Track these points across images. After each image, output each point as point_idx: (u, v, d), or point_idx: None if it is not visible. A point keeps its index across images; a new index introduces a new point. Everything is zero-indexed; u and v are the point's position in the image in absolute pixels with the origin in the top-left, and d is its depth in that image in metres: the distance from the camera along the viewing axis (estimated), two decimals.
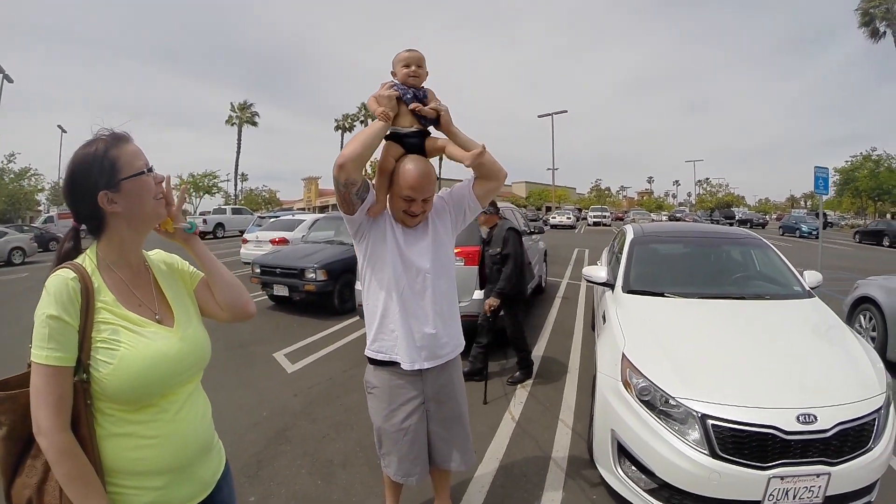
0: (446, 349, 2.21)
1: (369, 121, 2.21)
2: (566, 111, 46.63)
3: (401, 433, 2.20)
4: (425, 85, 2.10)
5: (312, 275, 7.44)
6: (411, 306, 2.11)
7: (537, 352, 5.73)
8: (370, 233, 2.13)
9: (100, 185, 1.17)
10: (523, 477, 3.15)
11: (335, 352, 5.77)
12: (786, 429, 2.28)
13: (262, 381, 4.80)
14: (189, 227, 1.40)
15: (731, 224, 41.12)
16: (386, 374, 2.20)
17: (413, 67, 2.06)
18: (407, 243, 2.13)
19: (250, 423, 3.95)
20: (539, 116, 47.25)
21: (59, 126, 45.72)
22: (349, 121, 56.51)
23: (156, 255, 1.44)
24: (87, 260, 1.22)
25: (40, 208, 44.34)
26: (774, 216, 66.93)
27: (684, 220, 39.25)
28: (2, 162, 36.56)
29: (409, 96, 2.01)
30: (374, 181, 2.14)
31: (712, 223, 39.38)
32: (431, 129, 2.10)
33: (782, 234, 32.32)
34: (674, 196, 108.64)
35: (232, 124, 51.10)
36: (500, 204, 7.71)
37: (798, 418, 2.30)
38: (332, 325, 7.00)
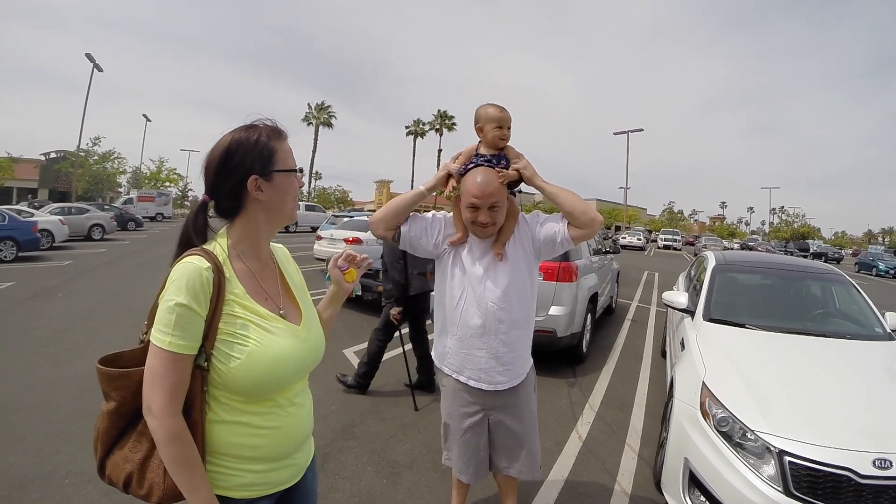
0: (506, 376, 2.19)
1: (445, 130, 2.26)
2: (642, 129, 44.93)
3: (459, 432, 2.29)
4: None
5: None
6: (483, 325, 2.14)
7: (606, 373, 5.61)
8: (448, 255, 2.23)
9: (254, 169, 1.19)
10: (588, 497, 3.11)
11: (394, 359, 5.85)
12: (861, 472, 2.20)
13: (330, 376, 4.92)
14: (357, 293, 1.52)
15: (804, 257, 38.93)
16: (451, 379, 2.28)
17: (504, 129, 2.08)
18: (478, 275, 2.14)
19: (319, 416, 3.98)
20: (614, 134, 45.88)
21: (145, 115, 49.49)
22: (420, 126, 57.52)
23: (279, 250, 1.45)
24: (217, 247, 1.22)
25: (121, 190, 47.84)
26: (850, 251, 63.13)
27: (756, 250, 37.39)
28: (87, 144, 39.75)
29: (491, 164, 2.05)
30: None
31: (786, 255, 37.17)
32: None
33: (858, 271, 30.37)
34: (747, 223, 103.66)
35: (309, 123, 53.34)
36: None
37: (874, 462, 2.22)
38: (401, 328, 7.06)
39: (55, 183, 43.30)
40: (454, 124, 55.75)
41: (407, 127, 58.53)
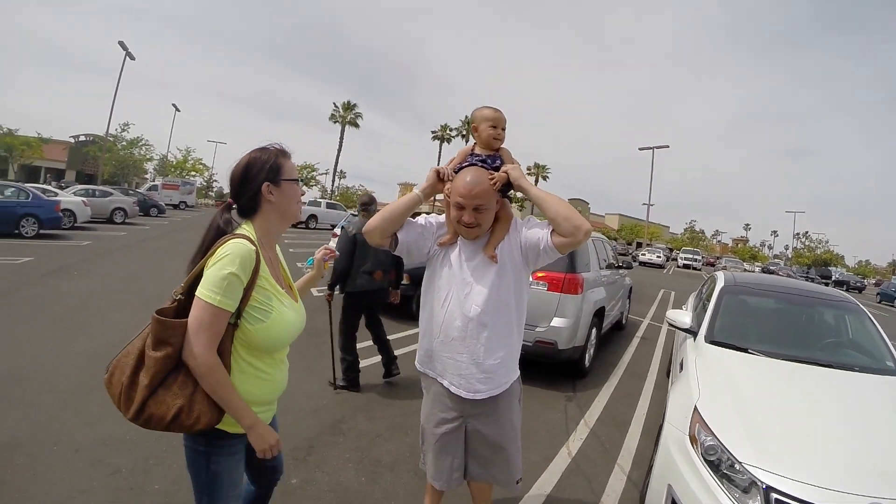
0: (487, 384, 2.11)
1: (470, 136, 2.25)
2: (668, 146, 44.37)
3: (434, 437, 2.24)
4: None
5: None
6: (465, 329, 2.10)
7: (607, 390, 5.53)
8: (437, 255, 2.22)
9: (267, 177, 1.59)
10: None
11: (405, 355, 5.79)
12: None
13: (329, 371, 4.93)
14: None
15: (826, 284, 38.19)
16: (433, 382, 2.25)
17: (499, 129, 2.11)
18: (464, 277, 2.11)
19: (310, 409, 4.12)
20: (640, 149, 45.47)
21: (174, 105, 50.47)
22: (447, 131, 57.57)
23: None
24: (250, 235, 1.58)
25: (147, 176, 48.86)
26: (873, 281, 60.99)
27: (778, 275, 36.76)
28: (116, 130, 40.62)
29: (486, 164, 2.07)
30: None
31: (807, 281, 36.50)
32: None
33: (879, 302, 29.62)
34: (770, 247, 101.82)
35: (335, 122, 53.78)
36: (594, 234, 7.55)
37: None
38: (406, 329, 7.09)
39: (83, 165, 44.48)
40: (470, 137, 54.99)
41: (433, 132, 58.83)
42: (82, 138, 46.98)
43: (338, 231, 12.98)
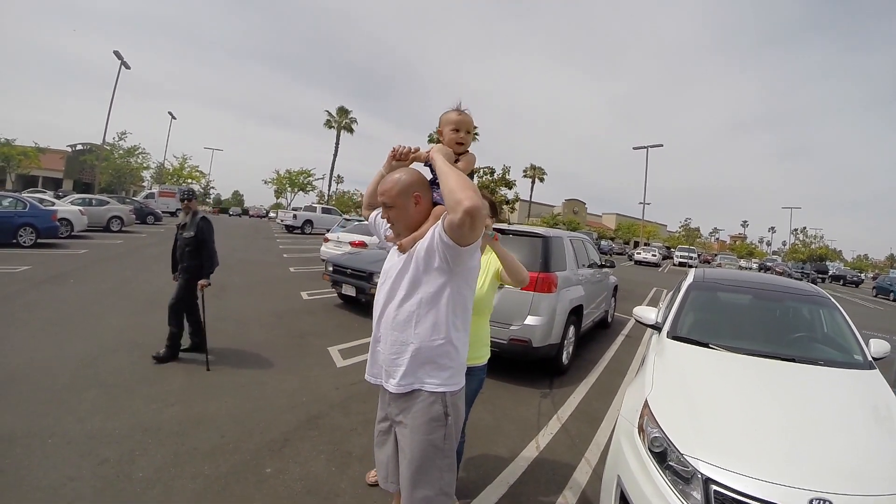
0: (396, 377, 2.02)
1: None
2: (662, 145, 45.04)
3: (374, 435, 2.26)
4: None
5: None
6: (381, 320, 2.10)
7: (584, 387, 5.66)
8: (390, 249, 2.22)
9: None
10: None
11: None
12: None
13: (310, 371, 5.15)
14: None
15: (822, 279, 38.06)
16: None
17: (462, 133, 2.11)
18: (386, 267, 2.13)
19: (288, 406, 4.30)
20: (634, 148, 45.95)
21: (170, 113, 50.56)
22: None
23: None
24: None
25: (144, 184, 48.95)
26: (871, 275, 61.53)
27: (774, 270, 36.90)
28: (113, 139, 40.83)
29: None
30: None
31: (803, 276, 36.88)
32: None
33: (875, 295, 29.79)
34: (768, 243, 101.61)
35: (330, 127, 53.70)
36: (574, 233, 7.69)
37: (811, 502, 2.05)
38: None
39: (80, 174, 44.71)
40: (477, 134, 55.74)
41: (429, 136, 58.91)
42: (79, 147, 47.21)
43: (329, 236, 13.14)
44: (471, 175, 2.09)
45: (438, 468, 2.01)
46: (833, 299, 4.41)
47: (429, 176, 2.09)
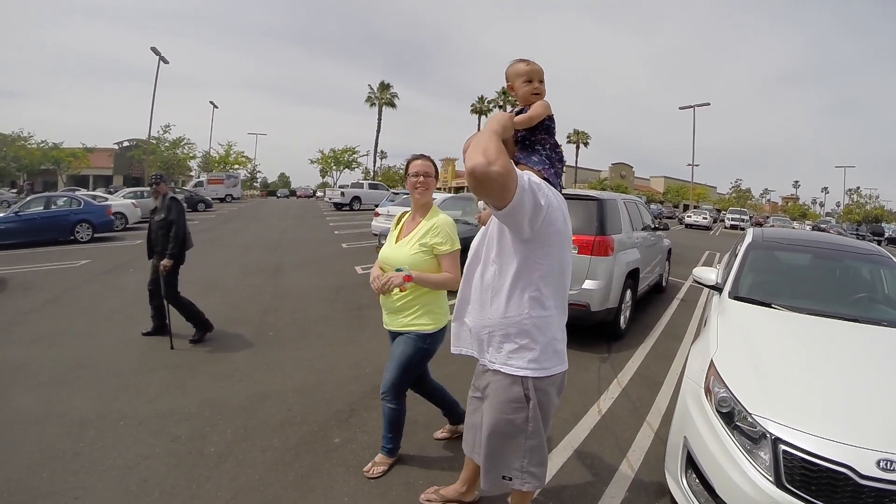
0: (481, 353, 2.08)
1: (508, 107, 2.18)
2: (709, 104, 42.95)
3: (468, 398, 2.34)
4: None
5: None
6: (466, 295, 2.15)
7: (643, 351, 5.56)
8: None
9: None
10: (592, 469, 3.16)
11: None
12: (862, 472, 1.98)
13: (370, 343, 5.26)
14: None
15: (878, 242, 36.10)
16: None
17: (535, 83, 1.94)
18: (475, 245, 2.12)
19: (352, 376, 4.42)
20: (680, 108, 44.44)
21: (212, 102, 51.71)
22: (484, 103, 56.97)
23: None
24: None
25: (192, 173, 50.33)
26: None
27: (828, 232, 35.00)
28: (158, 132, 41.92)
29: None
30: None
31: (858, 238, 34.53)
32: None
33: None
34: (821, 204, 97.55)
35: (371, 104, 53.87)
36: (626, 196, 7.48)
37: (878, 463, 1.99)
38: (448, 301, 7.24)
39: (129, 170, 46.33)
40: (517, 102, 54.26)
41: (472, 105, 58.26)
42: (126, 143, 48.89)
43: (380, 210, 13.22)
44: (550, 120, 1.98)
45: (512, 450, 2.04)
46: (894, 258, 4.23)
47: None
